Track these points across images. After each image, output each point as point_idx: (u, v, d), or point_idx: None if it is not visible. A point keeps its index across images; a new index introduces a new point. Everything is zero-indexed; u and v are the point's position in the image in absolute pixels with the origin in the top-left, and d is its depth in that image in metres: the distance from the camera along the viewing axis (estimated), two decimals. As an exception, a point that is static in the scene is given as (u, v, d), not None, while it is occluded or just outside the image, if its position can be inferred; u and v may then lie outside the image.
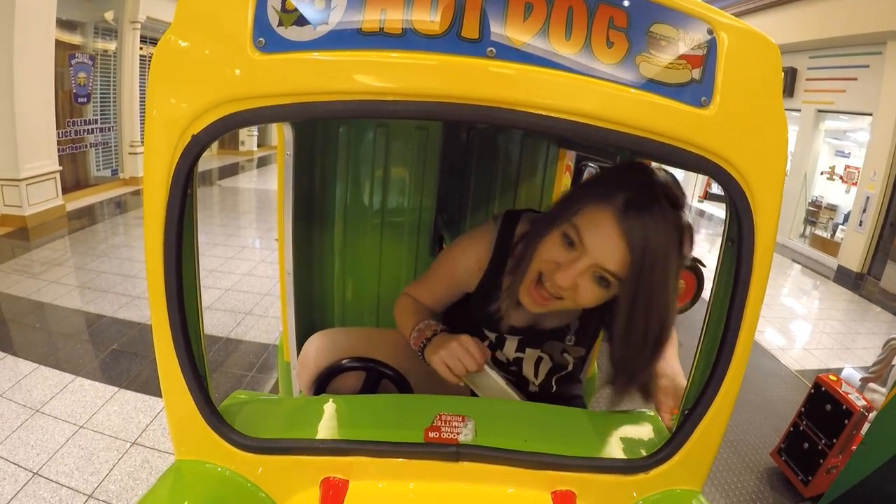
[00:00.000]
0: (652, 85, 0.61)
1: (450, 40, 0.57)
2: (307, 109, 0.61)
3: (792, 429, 2.41)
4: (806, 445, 2.30)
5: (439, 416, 0.80)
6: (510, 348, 1.13)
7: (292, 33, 0.58)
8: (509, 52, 0.58)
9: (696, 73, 0.62)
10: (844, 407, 2.13)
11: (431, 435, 0.77)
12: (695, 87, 0.62)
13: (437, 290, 1.16)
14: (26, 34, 5.32)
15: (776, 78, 0.66)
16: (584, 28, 0.59)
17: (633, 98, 0.61)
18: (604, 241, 0.81)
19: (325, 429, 0.80)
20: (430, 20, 0.57)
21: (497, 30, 0.58)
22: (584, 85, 0.59)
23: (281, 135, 1.22)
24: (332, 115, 0.64)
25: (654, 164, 1.05)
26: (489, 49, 0.58)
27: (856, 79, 7.32)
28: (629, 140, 0.63)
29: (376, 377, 1.08)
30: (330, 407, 0.87)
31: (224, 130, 0.63)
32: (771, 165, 0.67)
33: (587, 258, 0.82)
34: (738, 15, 9.91)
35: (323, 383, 1.08)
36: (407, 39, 0.57)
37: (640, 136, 0.63)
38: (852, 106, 7.50)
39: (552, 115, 0.60)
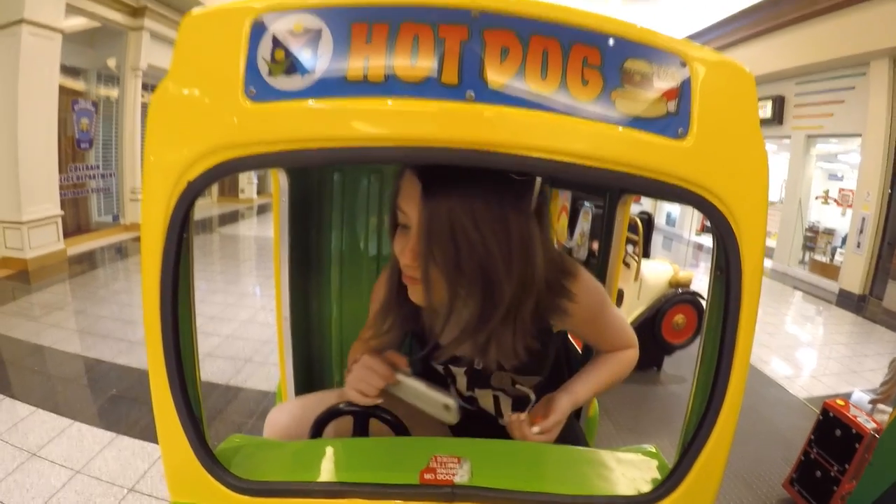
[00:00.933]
0: (628, 119, 0.62)
1: (430, 86, 0.59)
2: (297, 156, 0.63)
3: (803, 457, 2.36)
4: (818, 473, 2.25)
5: (435, 458, 0.79)
6: (462, 384, 1.10)
7: (281, 83, 0.60)
8: (488, 95, 0.60)
9: (672, 106, 0.64)
10: (854, 431, 2.09)
11: (427, 476, 0.75)
12: (671, 120, 0.63)
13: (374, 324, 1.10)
14: (30, 80, 5.47)
15: (752, 105, 0.67)
16: (559, 68, 0.61)
17: (611, 134, 0.62)
18: (413, 196, 0.77)
19: (320, 471, 0.79)
20: (411, 67, 0.59)
21: (475, 74, 0.60)
22: (561, 123, 0.61)
23: (276, 182, 1.25)
24: (321, 162, 0.67)
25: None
26: (468, 93, 0.60)
27: (843, 101, 7.49)
28: (609, 176, 0.64)
29: (364, 419, 1.04)
30: (325, 450, 0.86)
31: (218, 177, 0.65)
32: (753, 192, 0.68)
33: (413, 217, 0.78)
34: (722, 47, 10.26)
35: (318, 430, 1.05)
36: (389, 86, 0.59)
37: (620, 172, 0.64)
38: (841, 128, 7.65)
39: (533, 154, 0.61)
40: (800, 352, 4.99)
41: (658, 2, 9.37)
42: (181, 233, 0.67)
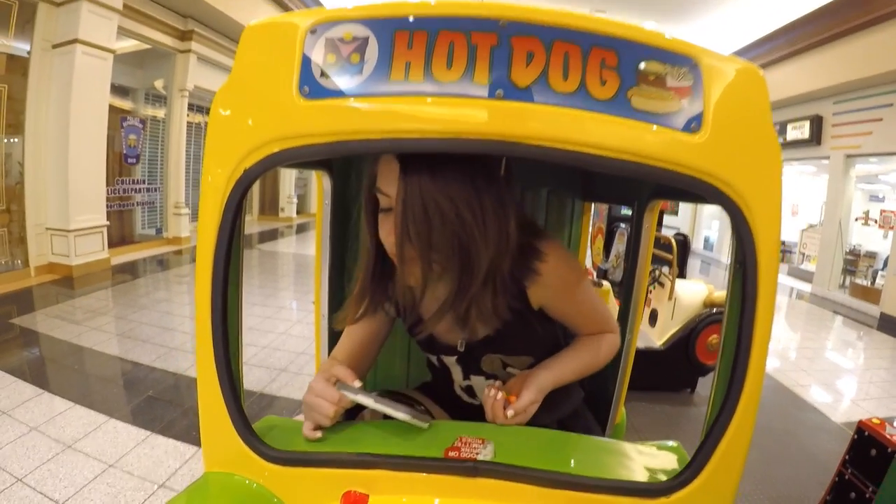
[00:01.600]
0: (644, 115, 0.67)
1: (464, 86, 0.66)
2: (343, 147, 0.70)
3: (837, 479, 2.27)
4: (853, 495, 2.15)
5: (460, 438, 0.83)
6: (457, 375, 1.11)
7: (332, 83, 0.68)
8: (516, 93, 0.66)
9: (685, 103, 0.68)
10: (890, 450, 2.01)
11: (451, 454, 0.79)
12: (684, 115, 0.68)
13: (349, 331, 1.10)
14: (82, 96, 5.83)
15: (763, 102, 0.71)
16: (579, 70, 0.66)
17: (628, 127, 0.67)
18: (393, 178, 0.79)
19: (349, 444, 0.83)
20: (447, 69, 0.66)
21: (503, 75, 0.66)
22: (581, 118, 0.66)
23: (320, 184, 1.33)
24: (365, 151, 0.73)
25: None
26: (498, 91, 0.66)
27: (881, 119, 7.31)
28: (628, 167, 0.68)
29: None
30: (355, 429, 0.90)
31: (272, 166, 0.72)
32: (767, 184, 0.71)
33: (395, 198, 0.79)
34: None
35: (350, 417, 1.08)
36: (428, 86, 0.66)
37: (637, 163, 0.68)
38: (880, 147, 7.46)
39: (556, 146, 0.67)
40: (839, 376, 4.82)
41: (691, 23, 9.37)
42: (235, 216, 0.74)
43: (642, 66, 0.67)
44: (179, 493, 0.78)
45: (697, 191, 0.70)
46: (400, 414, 0.83)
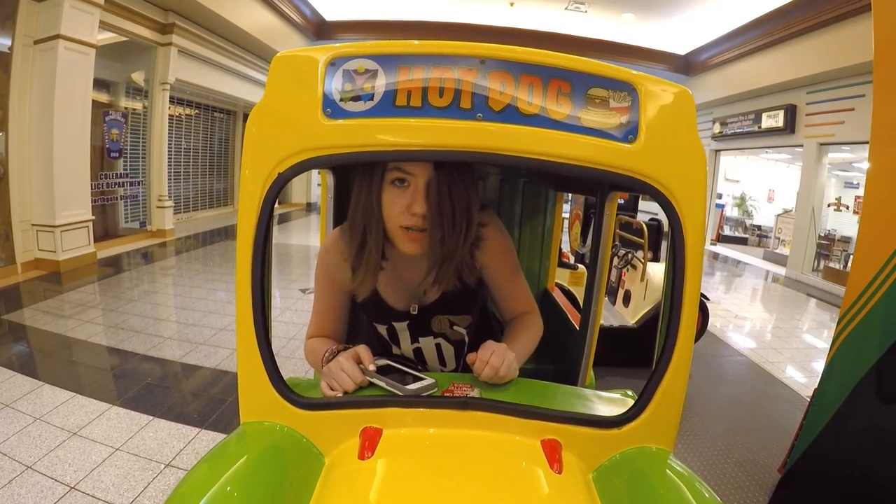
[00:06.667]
0: (591, 130, 0.85)
1: (452, 110, 0.84)
2: (358, 156, 0.87)
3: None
4: (809, 456, 2.35)
5: (453, 384, 1.01)
6: (405, 341, 1.25)
7: (349, 106, 0.85)
8: (492, 116, 0.84)
9: (624, 119, 0.86)
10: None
11: (447, 394, 0.97)
12: (623, 129, 0.86)
13: (326, 308, 1.21)
14: (65, 92, 5.83)
15: (689, 116, 0.89)
16: (540, 96, 0.84)
17: (578, 140, 0.85)
18: (422, 165, 0.97)
19: (362, 391, 0.98)
20: (439, 97, 0.84)
21: (483, 102, 0.84)
22: (542, 134, 0.85)
23: (325, 181, 1.47)
24: (375, 160, 0.91)
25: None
26: (478, 115, 0.84)
27: (853, 109, 7.57)
28: (578, 170, 0.86)
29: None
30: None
31: (300, 171, 0.88)
32: (691, 179, 0.89)
33: (419, 179, 0.98)
34: (732, 59, 10.32)
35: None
36: (425, 110, 0.84)
37: (585, 167, 0.86)
38: (852, 136, 7.72)
39: (524, 156, 0.85)
40: (810, 355, 5.03)
41: (670, 17, 9.54)
42: (271, 210, 0.90)
43: (590, 92, 0.85)
44: (222, 440, 0.92)
45: (634, 187, 0.88)
46: (406, 389, 0.97)
